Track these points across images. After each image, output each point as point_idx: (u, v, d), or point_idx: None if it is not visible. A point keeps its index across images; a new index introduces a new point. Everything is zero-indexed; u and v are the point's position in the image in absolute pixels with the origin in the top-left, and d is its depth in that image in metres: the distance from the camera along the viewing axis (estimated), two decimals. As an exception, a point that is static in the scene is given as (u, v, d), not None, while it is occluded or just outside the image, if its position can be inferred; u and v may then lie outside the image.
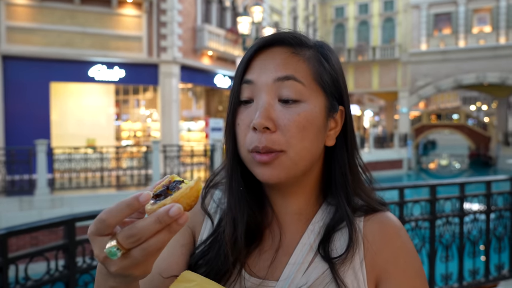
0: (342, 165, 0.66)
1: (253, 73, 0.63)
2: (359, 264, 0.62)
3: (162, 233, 0.44)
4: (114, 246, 0.43)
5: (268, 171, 0.61)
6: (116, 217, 0.45)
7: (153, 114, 16.27)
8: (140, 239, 0.43)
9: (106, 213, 0.45)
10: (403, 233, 0.65)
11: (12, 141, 11.15)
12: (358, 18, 27.07)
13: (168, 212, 0.43)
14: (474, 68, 23.39)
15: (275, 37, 0.64)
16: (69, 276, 2.19)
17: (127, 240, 0.43)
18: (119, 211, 0.45)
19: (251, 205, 0.67)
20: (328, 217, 0.66)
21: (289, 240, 0.66)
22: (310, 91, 0.62)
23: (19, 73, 11.50)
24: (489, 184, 3.52)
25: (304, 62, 0.63)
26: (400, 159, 23.05)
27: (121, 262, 0.45)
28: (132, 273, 0.46)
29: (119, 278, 0.48)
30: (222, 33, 15.69)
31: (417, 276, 0.63)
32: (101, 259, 0.46)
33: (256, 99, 0.62)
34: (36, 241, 7.85)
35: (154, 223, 0.43)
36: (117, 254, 0.43)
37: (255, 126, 0.59)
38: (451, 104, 47.90)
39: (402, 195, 3.07)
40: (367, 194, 0.69)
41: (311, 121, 0.61)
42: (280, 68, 0.62)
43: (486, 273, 3.53)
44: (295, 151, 0.60)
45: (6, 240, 1.93)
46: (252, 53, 0.65)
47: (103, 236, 0.46)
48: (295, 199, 0.67)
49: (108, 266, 0.46)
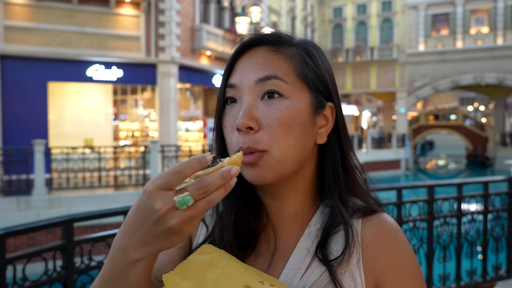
0: (334, 163, 0.66)
1: (236, 76, 0.64)
2: (356, 266, 0.61)
3: (221, 190, 0.50)
4: (188, 195, 0.48)
5: (254, 172, 0.60)
6: (191, 169, 0.49)
7: (151, 114, 16.25)
8: (207, 191, 0.48)
9: (181, 166, 0.49)
10: (401, 236, 0.65)
11: (9, 141, 11.12)
12: (356, 18, 27.11)
13: (230, 171, 0.50)
14: (472, 68, 23.45)
15: (254, 37, 0.65)
16: (67, 276, 2.18)
17: (198, 191, 0.48)
18: (193, 165, 0.49)
19: (242, 210, 0.66)
20: (325, 219, 0.65)
21: (286, 244, 0.65)
22: (293, 88, 0.62)
23: (17, 73, 11.47)
24: (487, 184, 3.53)
25: (286, 59, 0.63)
26: (398, 159, 23.10)
27: (183, 214, 0.48)
28: (185, 229, 0.50)
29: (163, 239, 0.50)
30: (221, 33, 15.69)
31: (415, 279, 0.62)
32: (163, 212, 0.48)
33: (240, 101, 0.63)
34: (34, 242, 7.84)
35: (219, 179, 0.49)
36: (190, 201, 0.48)
37: (238, 126, 0.60)
38: (449, 104, 48.04)
39: (400, 195, 3.08)
40: (364, 194, 0.68)
41: (295, 118, 0.61)
42: (261, 68, 0.62)
43: (483, 274, 3.54)
44: (279, 150, 0.60)
45: (3, 241, 1.92)
46: (234, 56, 0.65)
47: (167, 190, 0.49)
48: (289, 201, 0.67)
49: (170, 219, 0.48)
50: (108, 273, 0.53)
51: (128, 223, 0.51)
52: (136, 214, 0.50)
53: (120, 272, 0.52)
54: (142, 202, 0.49)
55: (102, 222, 7.07)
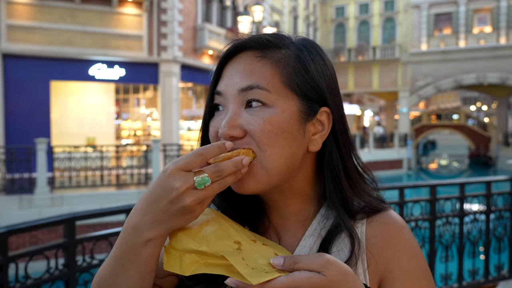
0: (334, 170, 0.63)
1: (222, 83, 0.63)
2: (362, 271, 0.60)
3: (232, 176, 0.55)
4: (207, 176, 0.53)
5: (239, 182, 0.59)
6: (211, 153, 0.55)
7: (153, 113, 16.26)
8: (222, 174, 0.54)
9: (202, 150, 0.54)
10: (406, 231, 0.63)
11: (12, 140, 11.15)
12: (359, 18, 27.06)
13: (242, 160, 0.55)
14: (474, 68, 23.39)
15: (238, 43, 0.64)
16: (69, 275, 2.19)
17: (214, 174, 0.53)
18: (213, 149, 0.55)
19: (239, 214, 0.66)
20: (329, 220, 0.64)
21: (288, 245, 0.65)
22: (277, 96, 0.60)
23: (20, 72, 11.49)
24: (489, 184, 3.52)
25: (272, 65, 0.61)
26: (400, 159, 23.06)
27: (199, 193, 0.52)
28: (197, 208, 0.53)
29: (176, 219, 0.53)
30: (223, 33, 15.69)
31: (422, 276, 0.61)
32: (182, 191, 0.52)
33: (225, 109, 0.63)
34: (36, 240, 7.86)
35: (232, 166, 0.54)
36: (208, 182, 0.53)
37: (220, 136, 0.60)
38: (451, 104, 47.91)
39: (402, 195, 3.07)
40: (368, 194, 0.66)
41: (278, 126, 0.59)
42: (244, 76, 0.61)
43: (485, 274, 3.53)
44: (264, 156, 0.59)
45: (6, 239, 1.93)
46: (222, 61, 0.65)
47: (187, 171, 0.53)
48: (289, 204, 0.66)
49: (187, 197, 0.52)
50: (119, 252, 0.56)
51: (143, 201, 0.54)
52: (153, 192, 0.53)
53: (131, 251, 0.55)
54: (162, 180, 0.52)
55: (104, 220, 7.10)
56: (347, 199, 0.63)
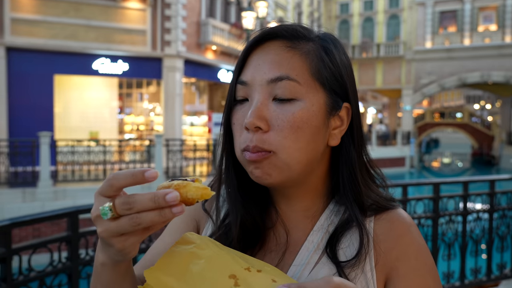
0: (350, 165, 0.63)
1: (248, 73, 0.61)
2: (369, 268, 0.60)
3: (153, 213, 0.45)
4: (108, 206, 0.46)
5: (259, 171, 0.58)
6: (119, 181, 0.47)
7: (156, 108, 16.27)
8: (132, 208, 0.45)
9: (113, 175, 0.47)
10: (414, 229, 0.63)
11: (15, 133, 11.18)
12: (363, 14, 26.94)
13: (165, 196, 0.44)
14: (479, 66, 23.26)
15: (269, 31, 0.61)
16: (72, 268, 2.19)
17: (121, 206, 0.45)
18: (124, 177, 0.47)
19: (247, 208, 0.64)
20: (337, 216, 0.64)
21: (296, 239, 0.64)
22: (307, 89, 0.59)
23: (23, 65, 11.51)
24: (493, 183, 3.51)
25: (301, 57, 0.60)
26: (403, 157, 23.01)
27: (108, 225, 0.47)
28: (114, 243, 0.48)
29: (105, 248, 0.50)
30: (227, 28, 15.64)
31: (429, 274, 0.61)
32: (93, 217, 0.48)
33: (250, 99, 0.60)
34: (39, 233, 7.89)
35: (149, 200, 0.45)
36: (107, 214, 0.46)
37: (246, 125, 0.58)
38: (455, 102, 47.74)
39: (405, 192, 3.06)
40: (376, 192, 0.66)
41: (307, 120, 0.58)
42: (273, 67, 0.59)
43: (488, 272, 3.52)
44: (287, 153, 0.58)
45: (10, 231, 1.94)
46: (248, 49, 0.62)
47: (105, 196, 0.48)
48: (299, 199, 0.65)
49: (97, 226, 0.48)
50: (94, 269, 0.56)
51: None
52: None
53: (95, 270, 0.55)
54: None
55: (107, 214, 7.11)
56: (361, 194, 0.63)
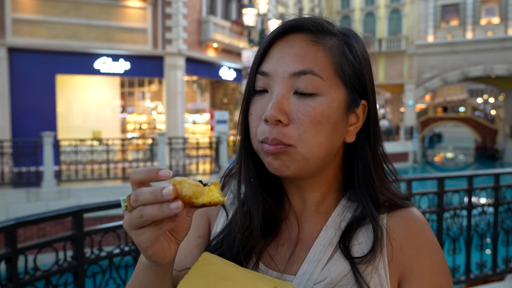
0: (365, 162, 0.63)
1: (269, 64, 0.60)
2: (383, 264, 0.60)
3: (153, 207, 0.46)
4: (124, 199, 0.49)
5: (277, 162, 0.58)
6: (137, 175, 0.48)
7: (158, 107, 16.28)
8: (137, 200, 0.47)
9: (133, 170, 0.49)
10: (427, 228, 0.63)
11: (18, 133, 11.22)
12: (364, 9, 26.84)
13: (162, 190, 0.46)
14: (482, 60, 23.15)
15: (294, 23, 0.60)
16: (78, 266, 2.20)
17: (132, 198, 0.47)
18: (141, 173, 0.48)
19: (265, 197, 0.64)
20: (349, 212, 0.64)
21: (308, 234, 0.64)
22: (329, 84, 0.58)
23: (25, 65, 11.53)
24: (498, 176, 3.50)
25: (325, 51, 0.59)
26: (406, 152, 22.95)
27: (126, 216, 0.49)
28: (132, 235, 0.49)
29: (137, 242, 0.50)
30: (228, 25, 15.61)
31: (442, 273, 0.61)
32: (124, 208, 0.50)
33: (270, 90, 0.60)
34: (43, 232, 7.92)
35: (149, 193, 0.46)
36: (122, 205, 0.49)
37: (266, 118, 0.57)
38: (458, 96, 47.55)
39: (409, 187, 3.05)
40: (389, 190, 0.66)
41: (327, 116, 0.58)
42: (297, 60, 0.58)
43: (493, 266, 3.51)
44: (306, 147, 0.58)
45: (15, 231, 1.94)
46: (271, 40, 0.61)
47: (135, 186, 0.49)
48: (313, 193, 0.65)
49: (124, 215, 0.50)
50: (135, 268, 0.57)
51: None
52: None
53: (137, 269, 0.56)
54: None
55: (111, 213, 7.10)
56: (376, 191, 0.63)
